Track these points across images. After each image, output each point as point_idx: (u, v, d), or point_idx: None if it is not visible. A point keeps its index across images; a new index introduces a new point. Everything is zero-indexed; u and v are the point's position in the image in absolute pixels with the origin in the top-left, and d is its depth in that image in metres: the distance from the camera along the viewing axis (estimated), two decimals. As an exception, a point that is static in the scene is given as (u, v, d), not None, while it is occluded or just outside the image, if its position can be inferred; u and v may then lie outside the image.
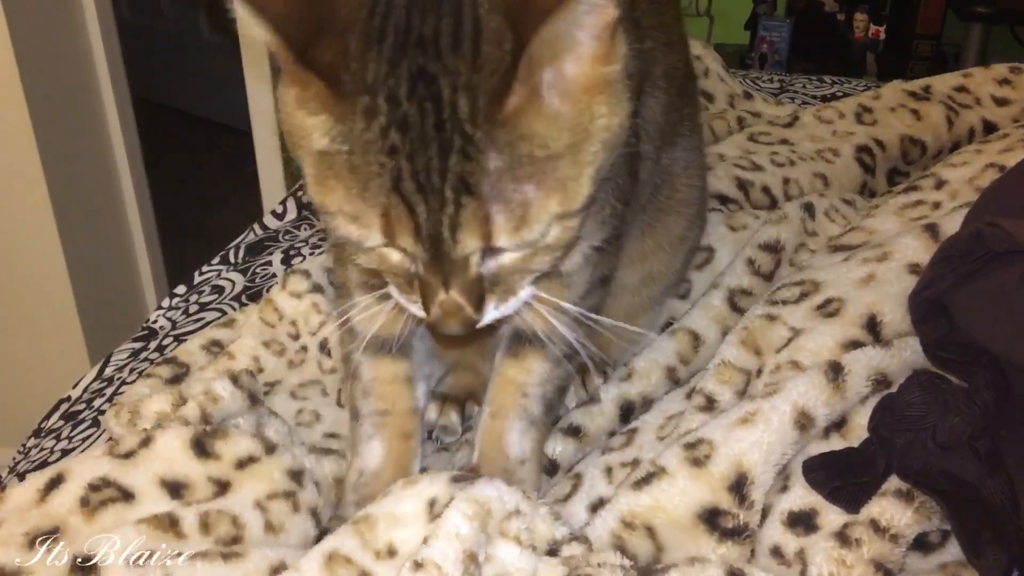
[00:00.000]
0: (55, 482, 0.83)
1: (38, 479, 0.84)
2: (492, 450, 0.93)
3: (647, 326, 1.11)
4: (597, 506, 0.89)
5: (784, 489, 0.82)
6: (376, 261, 0.73)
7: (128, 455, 0.85)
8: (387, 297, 0.79)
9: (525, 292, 0.76)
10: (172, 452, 0.86)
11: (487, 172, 0.64)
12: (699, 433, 0.85)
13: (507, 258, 0.71)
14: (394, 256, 0.71)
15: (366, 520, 0.77)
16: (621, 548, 0.80)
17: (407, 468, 0.94)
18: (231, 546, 0.82)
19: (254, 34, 0.66)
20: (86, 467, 0.85)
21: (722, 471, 0.81)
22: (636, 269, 1.08)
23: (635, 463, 0.93)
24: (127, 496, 0.83)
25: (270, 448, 0.90)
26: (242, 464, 0.88)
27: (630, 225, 0.98)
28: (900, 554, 0.76)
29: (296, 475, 0.90)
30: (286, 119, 0.69)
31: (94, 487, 0.83)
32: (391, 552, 0.76)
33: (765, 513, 0.81)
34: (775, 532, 0.79)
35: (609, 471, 0.93)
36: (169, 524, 0.81)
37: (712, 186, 1.29)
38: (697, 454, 0.82)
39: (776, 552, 0.79)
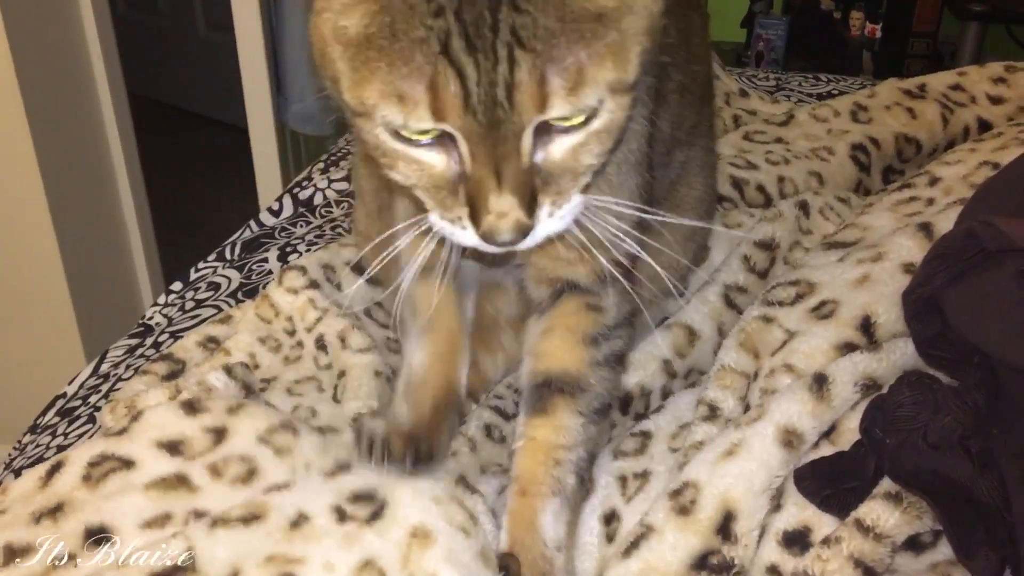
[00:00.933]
0: (55, 469, 0.86)
1: (38, 469, 0.87)
2: (525, 536, 0.85)
3: (646, 321, 1.12)
4: (610, 518, 0.90)
5: (777, 508, 0.82)
6: (417, 174, 0.70)
7: (121, 432, 0.88)
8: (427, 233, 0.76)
9: (577, 200, 0.72)
10: (162, 417, 0.89)
11: (540, 25, 0.62)
12: (683, 476, 0.84)
13: (558, 147, 0.68)
14: (438, 161, 0.69)
15: None
16: None
17: (455, 364, 0.95)
18: (248, 481, 0.84)
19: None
20: (83, 450, 0.87)
21: (709, 515, 0.80)
22: (656, 261, 1.08)
23: (645, 475, 0.93)
24: (128, 464, 0.85)
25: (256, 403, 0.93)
26: (233, 410, 0.91)
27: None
28: (885, 554, 0.76)
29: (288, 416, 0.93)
30: (319, 23, 0.67)
31: (93, 464, 0.85)
32: None
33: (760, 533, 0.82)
34: (771, 553, 0.80)
35: (623, 481, 0.93)
36: (178, 482, 0.83)
37: (708, 184, 1.30)
38: (683, 501, 0.81)
39: (773, 571, 0.79)
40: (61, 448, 1.04)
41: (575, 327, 0.91)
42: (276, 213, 1.55)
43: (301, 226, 1.47)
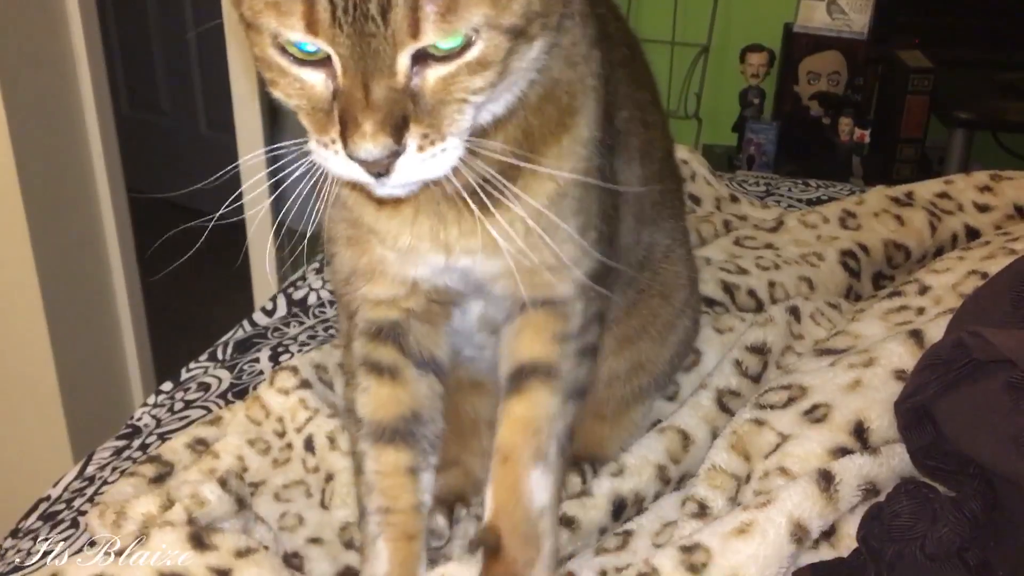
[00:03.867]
0: None
1: None
2: (509, 501, 0.88)
3: (639, 419, 1.13)
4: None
5: None
6: (297, 93, 0.71)
7: (123, 552, 0.86)
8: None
9: (453, 144, 0.71)
10: (169, 545, 0.87)
11: None
12: (695, 538, 0.84)
13: (432, 74, 0.69)
14: (317, 81, 0.70)
15: None
16: None
17: (413, 572, 0.92)
18: None
19: None
20: (82, 570, 0.85)
21: None
22: (624, 355, 1.08)
23: (628, 568, 0.91)
24: None
25: (265, 547, 0.91)
26: (241, 554, 0.89)
27: (614, 292, 0.98)
28: None
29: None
30: None
31: None
32: None
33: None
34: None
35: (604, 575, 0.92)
36: None
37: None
38: (694, 560, 0.81)
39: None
40: (44, 554, 1.01)
41: (543, 327, 0.92)
42: (270, 313, 1.55)
43: (294, 326, 1.47)
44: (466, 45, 0.68)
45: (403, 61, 0.67)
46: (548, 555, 0.88)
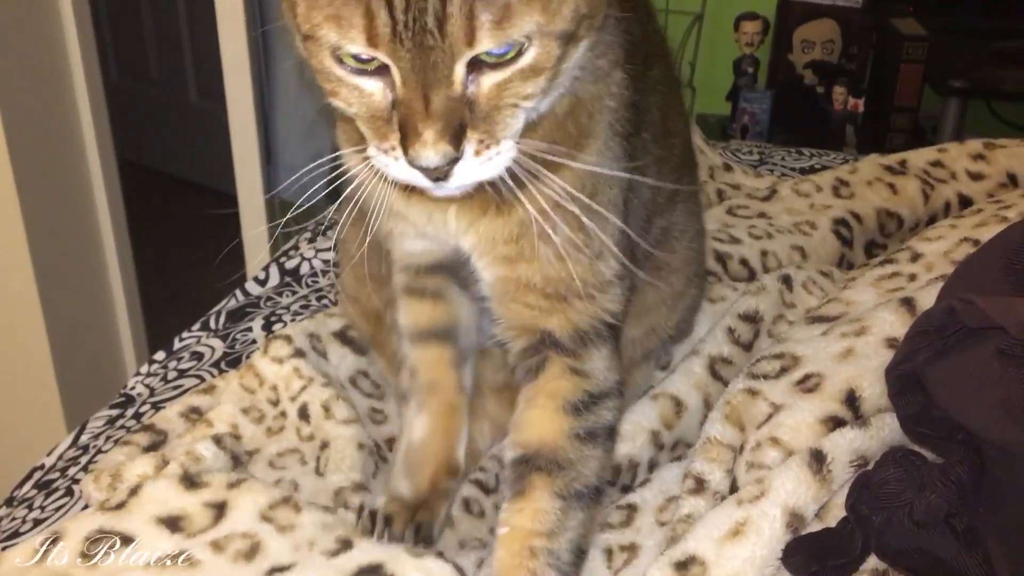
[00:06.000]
0: (51, 542, 0.85)
1: (33, 541, 0.86)
2: None
3: (641, 381, 1.14)
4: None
5: None
6: (357, 101, 0.73)
7: (120, 506, 0.87)
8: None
9: (507, 147, 0.74)
10: (162, 492, 0.88)
11: None
12: (688, 547, 0.82)
13: (487, 80, 0.71)
14: (375, 89, 0.72)
15: None
16: None
17: (453, 436, 0.95)
18: (251, 558, 0.83)
19: None
20: (81, 524, 0.86)
21: None
22: (641, 323, 1.10)
23: (633, 548, 0.92)
24: (126, 540, 0.84)
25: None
26: (233, 485, 0.90)
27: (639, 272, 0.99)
28: None
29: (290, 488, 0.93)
30: None
31: (92, 540, 0.84)
32: None
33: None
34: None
35: (609, 553, 0.92)
36: (178, 558, 0.82)
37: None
38: None
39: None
40: (38, 522, 1.02)
41: (556, 392, 0.90)
42: (262, 283, 1.55)
43: (287, 296, 1.47)
44: (519, 52, 0.70)
45: (460, 70, 0.69)
46: None
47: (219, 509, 0.87)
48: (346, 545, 0.86)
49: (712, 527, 0.83)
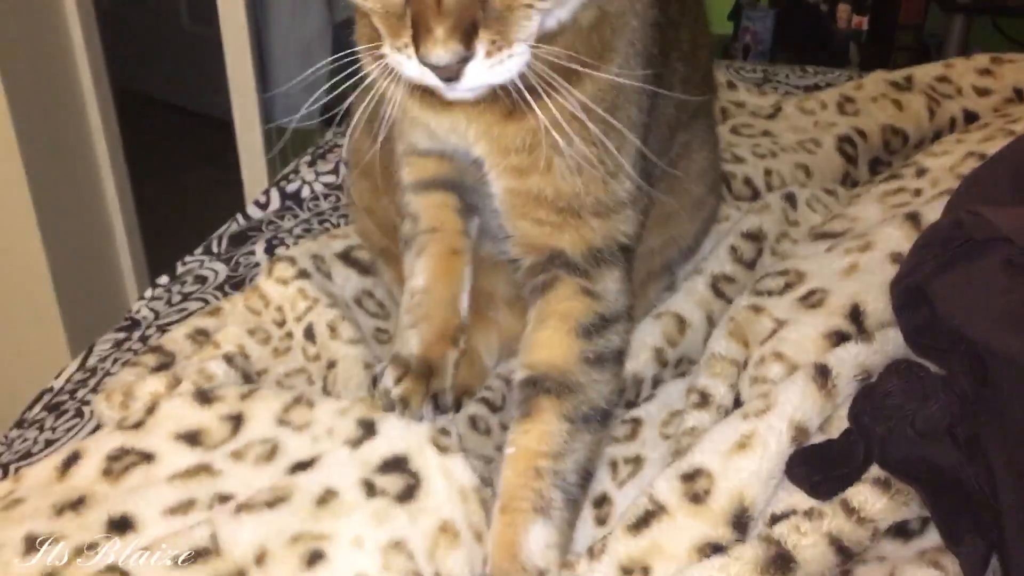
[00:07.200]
0: (72, 460, 0.86)
1: (54, 459, 0.87)
2: (504, 560, 0.81)
3: (657, 295, 1.14)
4: (601, 502, 0.90)
5: None
6: None
7: (138, 425, 0.89)
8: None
9: (520, 50, 0.73)
10: (178, 409, 0.90)
11: None
12: (695, 460, 0.82)
13: None
14: None
15: None
16: None
17: (457, 282, 0.94)
18: (271, 460, 0.85)
19: None
20: (100, 442, 0.88)
21: (723, 506, 0.79)
22: (659, 233, 1.10)
23: (638, 460, 0.94)
24: (148, 457, 0.86)
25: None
26: (246, 396, 0.92)
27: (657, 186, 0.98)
28: (864, 537, 0.77)
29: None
30: None
31: (113, 457, 0.86)
32: None
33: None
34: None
35: (614, 466, 0.93)
36: (200, 469, 0.84)
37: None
38: (696, 488, 0.80)
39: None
40: (50, 442, 1.03)
41: (567, 314, 0.89)
42: (263, 206, 1.54)
43: (288, 219, 1.47)
44: None
45: None
46: None
47: (236, 420, 0.89)
48: (368, 430, 0.87)
49: (719, 440, 0.83)
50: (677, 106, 0.98)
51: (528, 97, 0.76)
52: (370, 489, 0.81)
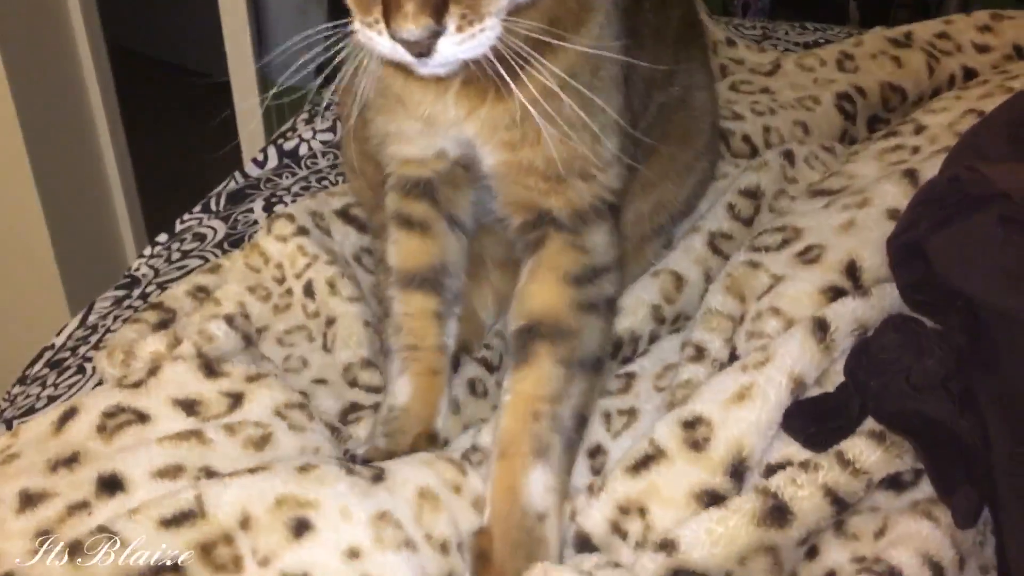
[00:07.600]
0: (69, 415, 0.86)
1: (51, 413, 0.87)
2: (504, 504, 0.82)
3: (651, 255, 1.14)
4: (595, 452, 0.91)
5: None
6: None
7: (138, 384, 0.89)
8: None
9: (491, 24, 0.73)
10: (181, 375, 0.90)
11: None
12: (696, 408, 0.83)
13: None
14: None
15: None
16: (615, 531, 0.81)
17: (434, 403, 0.95)
18: (261, 447, 0.85)
19: None
20: (98, 399, 0.88)
21: (721, 455, 0.81)
22: (648, 198, 1.10)
23: (632, 412, 0.95)
24: (143, 418, 0.86)
25: (275, 375, 0.94)
26: (252, 379, 0.92)
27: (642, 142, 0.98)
28: (859, 488, 0.78)
29: (303, 396, 0.94)
30: None
31: (109, 414, 0.86)
32: None
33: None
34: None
35: (608, 417, 0.94)
36: (191, 435, 0.84)
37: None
38: (696, 436, 0.82)
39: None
40: (52, 399, 1.04)
41: (557, 265, 0.91)
42: (261, 164, 1.54)
43: (287, 177, 1.47)
44: None
45: None
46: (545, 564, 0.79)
47: (236, 399, 0.89)
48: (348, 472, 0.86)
49: (718, 391, 0.84)
50: (651, 62, 0.97)
51: (505, 76, 0.76)
52: (348, 470, 0.81)
